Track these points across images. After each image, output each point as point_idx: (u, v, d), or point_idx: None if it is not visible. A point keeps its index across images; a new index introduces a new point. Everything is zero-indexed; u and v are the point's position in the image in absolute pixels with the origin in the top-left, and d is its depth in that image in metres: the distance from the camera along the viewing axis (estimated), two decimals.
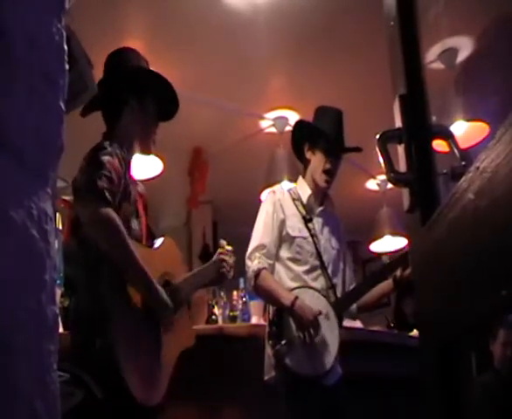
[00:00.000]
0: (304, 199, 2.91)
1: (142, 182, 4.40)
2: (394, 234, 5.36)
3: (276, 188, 3.01)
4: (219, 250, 2.55)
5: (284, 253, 2.82)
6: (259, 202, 3.04)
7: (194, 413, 3.06)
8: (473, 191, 0.84)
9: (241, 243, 2.93)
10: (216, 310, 4.18)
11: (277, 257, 2.83)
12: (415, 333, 3.74)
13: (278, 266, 2.82)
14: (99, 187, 1.96)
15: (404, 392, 2.81)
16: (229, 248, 2.60)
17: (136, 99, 2.32)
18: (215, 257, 2.54)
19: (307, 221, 2.86)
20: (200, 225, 6.06)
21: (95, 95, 2.19)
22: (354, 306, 2.93)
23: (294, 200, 2.90)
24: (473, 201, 0.84)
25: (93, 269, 2.02)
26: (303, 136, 2.96)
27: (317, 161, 2.89)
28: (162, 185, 4.91)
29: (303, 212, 2.87)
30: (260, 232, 2.83)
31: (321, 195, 2.95)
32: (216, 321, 4.10)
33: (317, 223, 2.90)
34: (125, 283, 2.06)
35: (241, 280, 4.02)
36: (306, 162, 2.95)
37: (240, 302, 4.06)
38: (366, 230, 5.57)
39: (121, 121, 2.31)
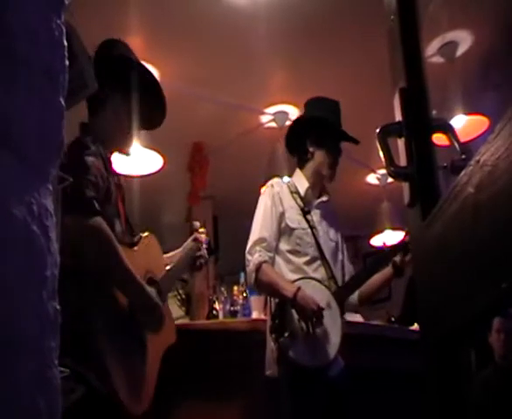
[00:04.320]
0: (302, 192, 2.90)
1: (142, 177, 4.44)
2: (394, 228, 5.36)
3: (274, 181, 2.98)
4: (195, 235, 2.54)
5: (283, 246, 2.81)
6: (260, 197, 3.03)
7: (195, 408, 3.06)
8: (473, 185, 0.84)
9: (242, 237, 2.93)
10: (217, 305, 4.19)
11: (277, 250, 2.81)
12: (416, 326, 3.75)
13: (278, 259, 2.81)
14: (87, 196, 1.90)
15: (405, 386, 2.82)
16: (202, 230, 2.59)
17: (120, 94, 2.21)
18: (191, 244, 2.51)
19: (305, 213, 2.85)
20: (200, 220, 6.05)
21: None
22: (355, 298, 2.93)
23: (291, 192, 2.90)
24: (473, 194, 0.84)
25: (73, 278, 1.89)
26: (306, 131, 2.94)
27: (322, 156, 2.88)
28: (163, 181, 4.93)
29: (301, 204, 2.87)
30: (259, 226, 2.82)
31: (318, 187, 2.95)
32: (217, 316, 4.11)
33: (315, 215, 2.90)
34: (108, 289, 2.01)
35: (242, 275, 4.02)
36: (308, 156, 2.93)
37: (241, 297, 4.07)
38: (366, 224, 5.58)
39: (101, 115, 2.22)
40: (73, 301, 1.86)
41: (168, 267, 2.43)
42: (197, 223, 2.59)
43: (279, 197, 2.85)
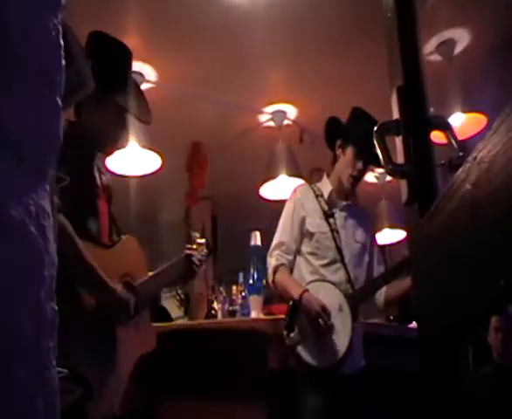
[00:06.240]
0: (325, 195, 3.01)
1: (141, 177, 4.44)
2: (393, 226, 5.36)
3: (298, 186, 3.17)
4: (187, 246, 2.52)
5: (305, 248, 2.95)
6: (259, 196, 3.10)
7: (193, 408, 3.06)
8: (470, 182, 0.84)
9: (241, 237, 2.95)
10: (215, 305, 4.19)
11: (299, 252, 2.96)
12: (414, 324, 3.75)
13: (299, 260, 2.96)
14: None
15: (404, 384, 2.82)
16: (201, 241, 2.58)
17: (106, 95, 2.20)
18: (182, 254, 2.48)
19: (328, 216, 2.96)
20: (199, 221, 6.05)
21: None
22: (382, 302, 3.00)
23: (316, 196, 3.01)
24: (470, 191, 0.84)
25: None
26: (337, 133, 3.02)
27: (346, 162, 2.96)
28: (161, 181, 4.91)
29: (325, 208, 2.98)
30: (280, 231, 3.01)
31: (344, 190, 3.02)
32: (215, 316, 4.10)
33: (339, 217, 2.99)
34: (76, 290, 1.98)
35: (240, 275, 4.03)
36: (335, 157, 3.03)
37: (240, 297, 4.07)
38: None
39: (87, 115, 2.24)
40: None
41: (151, 273, 2.38)
42: (197, 234, 2.60)
43: (300, 203, 3.00)
